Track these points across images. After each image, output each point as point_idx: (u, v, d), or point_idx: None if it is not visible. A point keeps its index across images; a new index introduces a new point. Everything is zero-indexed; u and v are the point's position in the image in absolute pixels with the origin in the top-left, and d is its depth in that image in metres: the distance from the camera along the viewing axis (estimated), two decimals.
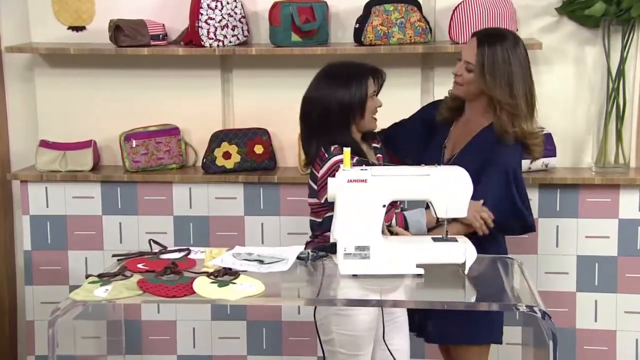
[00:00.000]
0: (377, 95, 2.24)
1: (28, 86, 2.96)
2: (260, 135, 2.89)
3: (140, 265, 1.95)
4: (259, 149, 2.88)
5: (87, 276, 1.89)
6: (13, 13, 2.91)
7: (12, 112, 3.00)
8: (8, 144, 3.01)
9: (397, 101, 2.84)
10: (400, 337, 2.27)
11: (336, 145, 2.15)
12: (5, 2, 2.90)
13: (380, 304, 2.03)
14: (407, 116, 2.85)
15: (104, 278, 1.87)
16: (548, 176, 2.78)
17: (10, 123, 3.00)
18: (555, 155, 2.83)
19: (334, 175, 1.95)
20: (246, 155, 2.87)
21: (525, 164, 2.80)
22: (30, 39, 2.90)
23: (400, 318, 2.28)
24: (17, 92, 2.96)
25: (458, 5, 2.72)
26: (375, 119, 2.26)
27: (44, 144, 2.89)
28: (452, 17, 2.72)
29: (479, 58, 2.16)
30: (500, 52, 2.15)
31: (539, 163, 2.81)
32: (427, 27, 2.77)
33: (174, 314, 2.90)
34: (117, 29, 2.76)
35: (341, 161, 1.99)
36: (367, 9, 2.73)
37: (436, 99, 2.87)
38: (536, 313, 1.70)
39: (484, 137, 2.21)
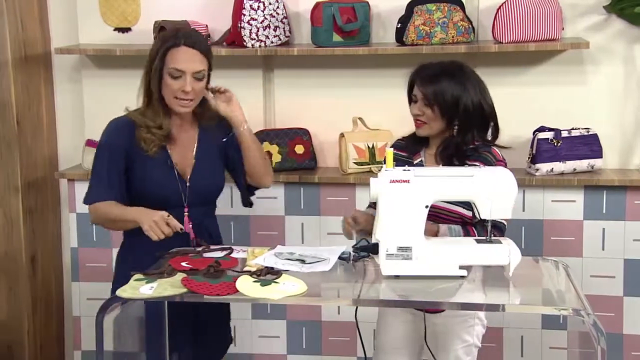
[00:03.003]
0: None
1: (75, 86, 3.03)
2: (301, 135, 2.90)
3: (184, 264, 1.97)
4: (299, 149, 2.89)
5: (133, 273, 1.92)
6: (62, 15, 2.98)
7: (60, 112, 3.07)
8: (56, 143, 3.08)
9: None
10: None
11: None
12: (54, 5, 2.98)
13: (422, 305, 2.02)
14: None
15: (150, 275, 1.90)
16: (594, 178, 2.72)
17: (58, 123, 3.07)
18: (601, 157, 2.77)
19: None
20: (287, 155, 2.88)
21: (570, 165, 2.76)
22: (78, 41, 2.97)
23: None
24: (65, 92, 3.03)
25: (502, 4, 2.68)
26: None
27: (91, 143, 2.94)
28: (495, 17, 2.69)
29: (207, 62, 2.15)
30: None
31: (584, 164, 2.76)
32: (470, 26, 2.74)
33: None
34: (162, 30, 2.79)
35: None
36: (410, 9, 2.72)
37: None
38: (583, 317, 1.67)
39: (206, 131, 2.22)
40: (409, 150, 2.19)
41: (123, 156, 2.09)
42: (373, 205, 2.19)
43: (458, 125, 2.10)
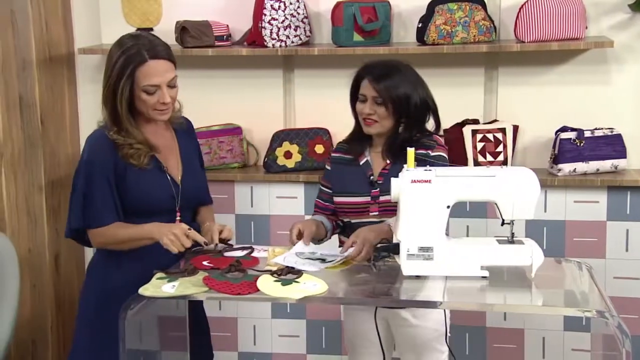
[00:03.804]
0: None
1: (98, 87, 3.04)
2: (321, 135, 2.90)
3: (205, 263, 1.99)
4: (319, 149, 2.89)
5: (154, 272, 1.93)
6: (85, 16, 3.01)
7: (83, 112, 3.10)
8: (79, 143, 3.11)
9: (460, 101, 2.82)
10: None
11: None
12: (78, 5, 3.01)
13: (442, 305, 2.01)
14: (471, 117, 2.83)
15: (171, 274, 1.91)
16: (617, 178, 2.69)
17: (81, 123, 3.10)
18: (625, 157, 2.74)
19: None
20: (307, 155, 2.88)
21: (593, 165, 2.73)
22: (101, 41, 3.00)
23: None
24: (88, 92, 3.06)
25: (524, 3, 2.66)
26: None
27: None
28: (518, 16, 2.67)
29: (174, 65, 2.10)
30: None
31: (607, 164, 2.73)
32: (492, 25, 2.72)
33: (235, 311, 2.94)
34: (183, 30, 2.82)
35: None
36: (431, 8, 2.70)
37: (499, 98, 2.83)
38: (607, 319, 1.65)
39: (182, 136, 2.18)
40: (352, 151, 2.20)
41: (113, 172, 2.04)
42: (320, 210, 2.24)
43: (405, 122, 2.12)
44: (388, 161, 2.15)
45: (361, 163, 2.18)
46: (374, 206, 2.13)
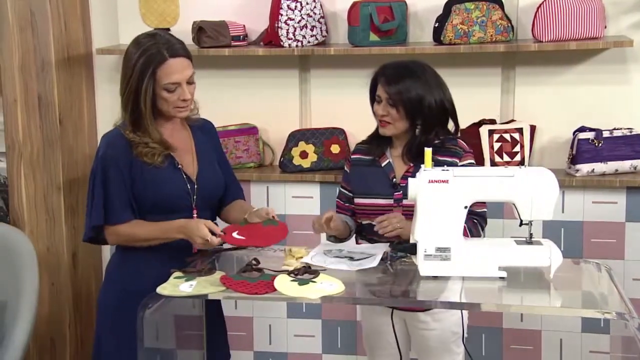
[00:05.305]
0: None
1: (116, 87, 3.06)
2: (337, 135, 2.90)
3: (235, 234, 1.99)
4: (335, 149, 2.89)
5: (172, 271, 1.94)
6: (103, 16, 3.03)
7: (100, 111, 3.12)
8: (97, 142, 3.12)
9: (477, 101, 2.81)
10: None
11: None
12: (96, 6, 3.03)
13: (460, 306, 2.01)
14: (488, 117, 2.82)
15: (188, 273, 1.92)
16: (637, 179, 2.66)
17: (98, 122, 3.12)
18: None
19: None
20: (323, 155, 2.88)
21: (612, 166, 2.70)
22: (119, 41, 3.02)
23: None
24: (106, 92, 3.08)
25: (542, 2, 2.64)
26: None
27: None
28: (535, 15, 2.65)
29: (192, 62, 2.11)
30: None
31: (626, 165, 2.71)
32: (509, 25, 2.71)
33: (250, 310, 2.95)
34: (200, 30, 2.84)
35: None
36: (448, 8, 2.69)
37: (517, 98, 2.81)
38: (627, 320, 1.63)
39: (198, 135, 2.20)
40: (373, 153, 2.19)
41: (129, 169, 2.04)
42: (341, 210, 2.23)
43: (421, 124, 2.10)
44: (411, 164, 2.13)
45: (383, 164, 2.17)
46: (398, 209, 2.11)
